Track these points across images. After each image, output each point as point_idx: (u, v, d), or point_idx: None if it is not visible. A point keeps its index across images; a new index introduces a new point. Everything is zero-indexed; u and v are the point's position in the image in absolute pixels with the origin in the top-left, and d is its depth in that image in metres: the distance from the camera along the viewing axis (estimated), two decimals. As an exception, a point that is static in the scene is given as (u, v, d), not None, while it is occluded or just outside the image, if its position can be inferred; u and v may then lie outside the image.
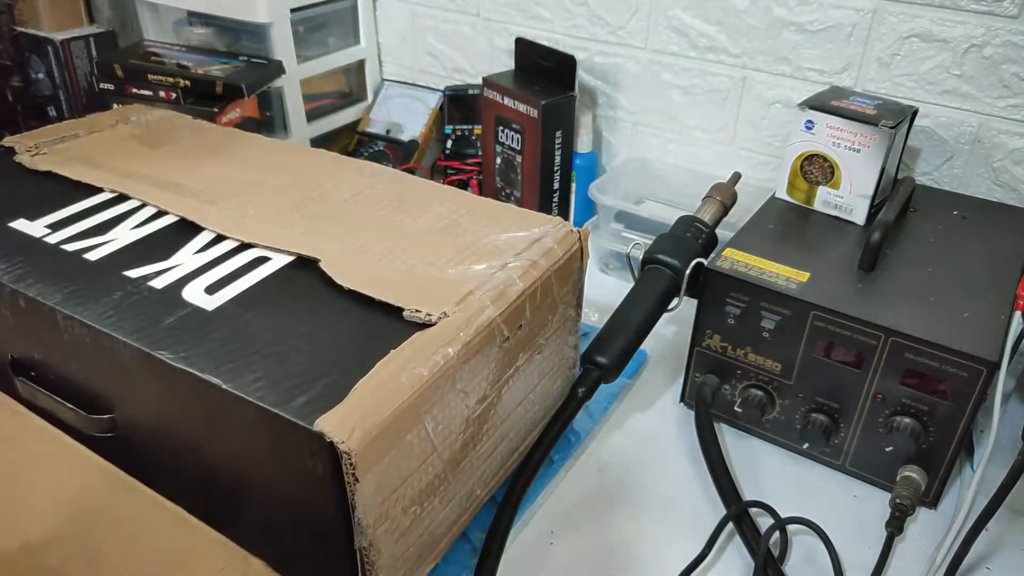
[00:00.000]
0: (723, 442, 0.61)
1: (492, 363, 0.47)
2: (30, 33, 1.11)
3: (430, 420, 0.42)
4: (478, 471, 0.49)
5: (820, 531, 0.52)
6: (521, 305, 0.48)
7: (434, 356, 0.42)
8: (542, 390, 0.55)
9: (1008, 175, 0.73)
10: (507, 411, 0.51)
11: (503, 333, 0.47)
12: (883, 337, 0.52)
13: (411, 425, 0.41)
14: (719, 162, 0.88)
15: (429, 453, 0.43)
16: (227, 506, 0.45)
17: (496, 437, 0.50)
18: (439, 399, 0.42)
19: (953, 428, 0.52)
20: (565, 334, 0.56)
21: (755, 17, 0.79)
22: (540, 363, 0.53)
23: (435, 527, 0.47)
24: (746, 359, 0.59)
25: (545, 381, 0.55)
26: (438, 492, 0.46)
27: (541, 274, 0.50)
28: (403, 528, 0.43)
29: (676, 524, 0.55)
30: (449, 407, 0.44)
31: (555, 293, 0.52)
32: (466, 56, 1.02)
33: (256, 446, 0.41)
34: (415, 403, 0.40)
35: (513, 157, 0.88)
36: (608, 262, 0.84)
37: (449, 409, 0.44)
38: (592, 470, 0.60)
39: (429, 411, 0.42)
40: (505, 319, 0.46)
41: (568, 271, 0.53)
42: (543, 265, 0.50)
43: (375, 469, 0.39)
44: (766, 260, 0.59)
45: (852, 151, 0.65)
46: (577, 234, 0.54)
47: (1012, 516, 0.55)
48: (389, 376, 0.40)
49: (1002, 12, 0.68)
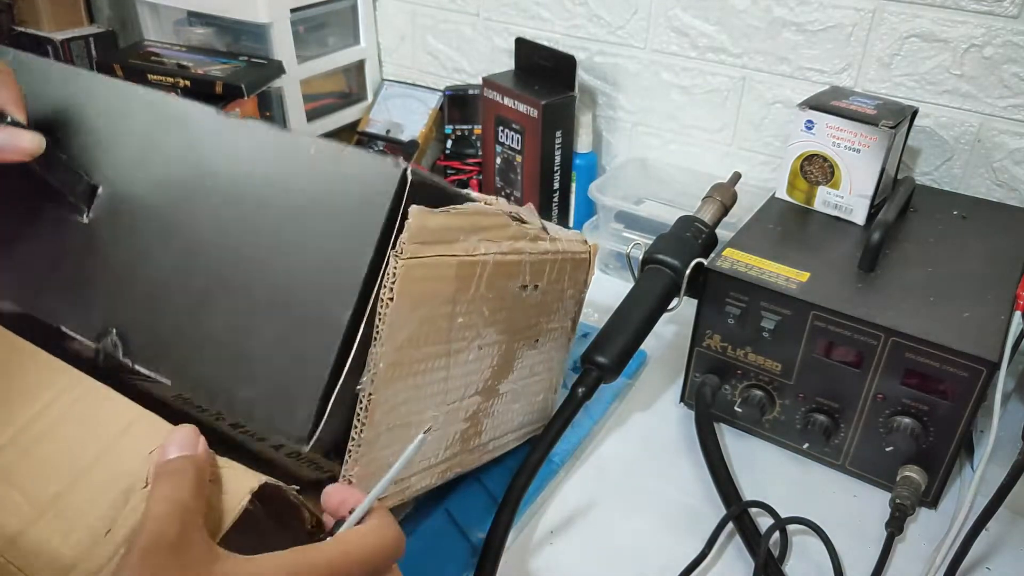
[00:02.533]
0: (723, 442, 0.61)
1: (507, 304, 0.47)
2: (30, 33, 1.11)
3: (458, 307, 0.42)
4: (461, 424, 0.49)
5: (820, 531, 0.52)
6: (543, 264, 0.49)
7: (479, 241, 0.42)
8: (528, 394, 0.55)
9: (1008, 175, 0.73)
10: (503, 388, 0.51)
11: (526, 277, 0.47)
12: (883, 337, 0.52)
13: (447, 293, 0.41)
14: (719, 162, 0.88)
15: (443, 342, 0.43)
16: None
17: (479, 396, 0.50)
18: (469, 293, 0.43)
19: (953, 428, 0.52)
20: (559, 346, 0.56)
21: (755, 17, 0.79)
22: (534, 360, 0.53)
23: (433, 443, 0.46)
24: (746, 359, 0.59)
25: (533, 385, 0.55)
26: (435, 397, 0.45)
27: (563, 249, 0.51)
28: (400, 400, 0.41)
29: (676, 524, 0.55)
30: (473, 313, 0.44)
31: (565, 285, 0.53)
32: (466, 56, 1.02)
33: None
34: (460, 265, 0.41)
35: (513, 157, 0.88)
36: (608, 262, 0.84)
37: (473, 314, 0.44)
38: (592, 470, 0.60)
39: (462, 293, 0.42)
40: (531, 263, 0.47)
41: (577, 273, 0.54)
42: (566, 245, 0.51)
43: (410, 297, 0.39)
44: (766, 260, 0.59)
45: (852, 151, 0.65)
46: (590, 246, 0.55)
47: (1012, 516, 0.55)
48: (452, 226, 0.40)
49: (1002, 12, 0.68)
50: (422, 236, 0.38)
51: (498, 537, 0.49)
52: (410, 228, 0.37)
